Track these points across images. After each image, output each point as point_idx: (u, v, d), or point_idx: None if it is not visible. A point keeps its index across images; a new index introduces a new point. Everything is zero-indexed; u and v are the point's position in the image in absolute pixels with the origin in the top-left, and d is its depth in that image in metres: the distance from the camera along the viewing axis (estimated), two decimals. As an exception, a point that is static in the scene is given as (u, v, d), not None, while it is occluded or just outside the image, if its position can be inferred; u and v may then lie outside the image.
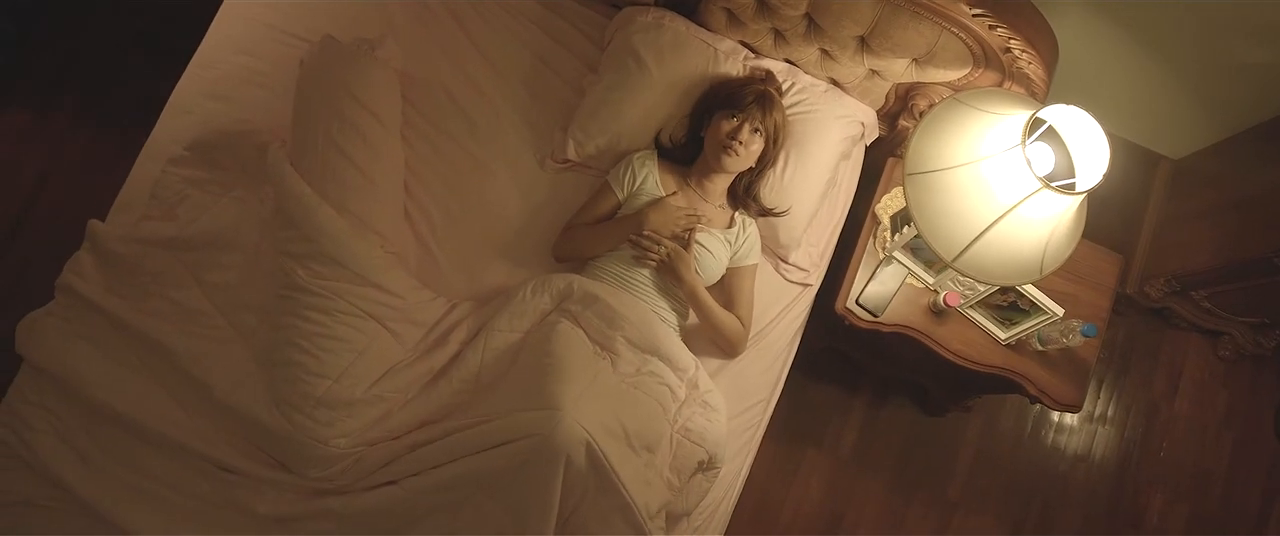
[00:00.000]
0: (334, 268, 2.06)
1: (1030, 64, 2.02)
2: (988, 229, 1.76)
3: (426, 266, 2.32)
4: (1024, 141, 1.67)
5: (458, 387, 2.08)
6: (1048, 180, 1.68)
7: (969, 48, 2.12)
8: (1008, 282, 1.90)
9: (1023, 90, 2.10)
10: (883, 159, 2.56)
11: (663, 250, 2.18)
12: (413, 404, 2.06)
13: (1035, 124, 1.73)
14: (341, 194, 2.13)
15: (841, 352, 2.87)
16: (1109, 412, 3.20)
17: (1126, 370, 3.24)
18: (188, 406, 2.04)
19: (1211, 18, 2.42)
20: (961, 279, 2.30)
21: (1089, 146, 1.79)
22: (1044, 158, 1.87)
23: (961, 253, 1.82)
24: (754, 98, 2.24)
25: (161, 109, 2.42)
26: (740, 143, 2.21)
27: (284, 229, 2.11)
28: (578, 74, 2.55)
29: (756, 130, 2.24)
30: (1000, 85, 2.15)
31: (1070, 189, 1.76)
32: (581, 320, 2.14)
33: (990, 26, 2.01)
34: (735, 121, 2.23)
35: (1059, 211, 1.74)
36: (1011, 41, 2.01)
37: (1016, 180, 1.69)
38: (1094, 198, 1.76)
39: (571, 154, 2.41)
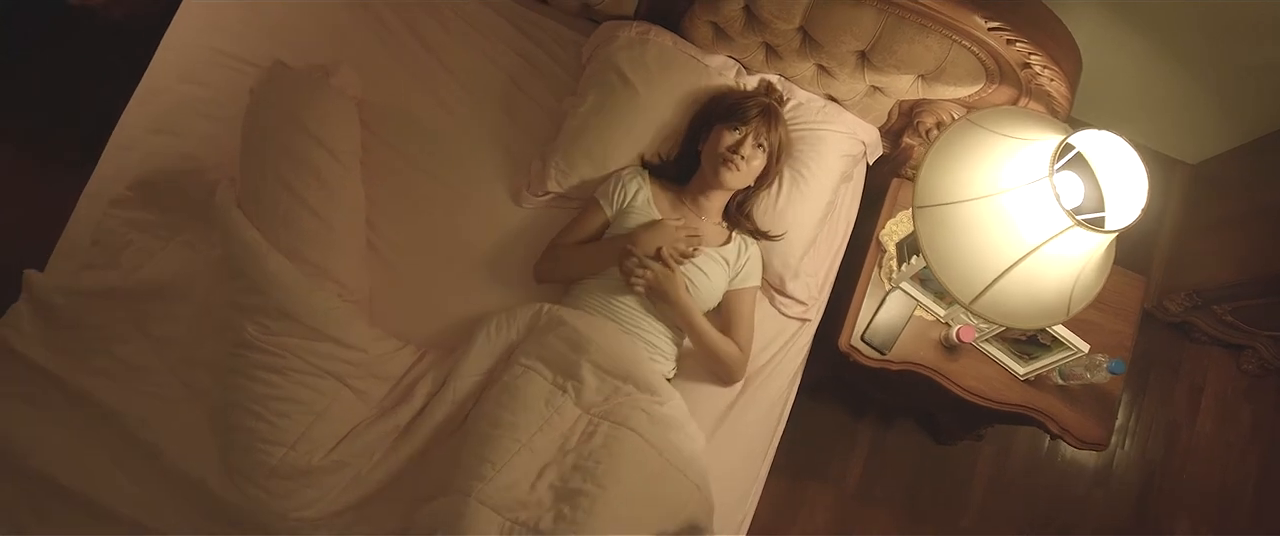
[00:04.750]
0: (287, 322, 1.89)
1: (1052, 81, 1.83)
2: (1009, 269, 1.58)
3: (394, 309, 2.13)
4: (1051, 173, 1.48)
5: (422, 446, 1.92)
6: (1076, 213, 1.49)
7: (982, 63, 1.93)
8: (1031, 326, 1.73)
9: (1042, 108, 1.91)
10: (886, 179, 2.37)
11: (650, 272, 1.98)
12: (383, 464, 1.90)
13: (1061, 150, 1.54)
14: (294, 240, 1.96)
15: (845, 380, 2.69)
16: (1128, 433, 3.03)
17: (1145, 388, 3.07)
18: (136, 476, 1.87)
19: (1229, 15, 2.24)
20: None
21: (1120, 173, 1.61)
22: (1071, 187, 1.68)
23: (979, 295, 1.63)
24: (759, 110, 2.07)
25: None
26: (742, 157, 2.04)
27: (232, 279, 1.93)
28: (556, 96, 2.37)
29: (760, 145, 2.08)
30: (1015, 102, 1.96)
31: (1101, 223, 1.58)
32: (545, 350, 1.96)
33: (1008, 41, 1.82)
34: (738, 134, 2.06)
35: (1090, 248, 1.56)
36: (1032, 56, 1.82)
37: (1043, 216, 1.51)
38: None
39: (552, 185, 2.22)
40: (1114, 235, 1.52)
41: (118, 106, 2.26)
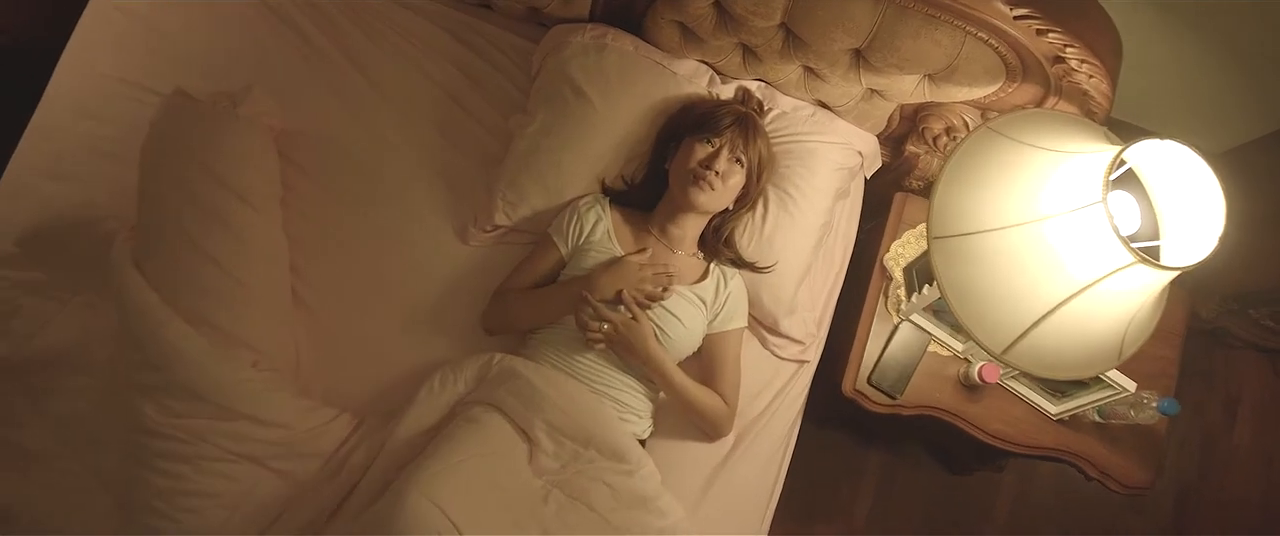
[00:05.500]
0: (192, 402, 1.62)
1: (1091, 77, 1.54)
2: (1052, 312, 1.29)
3: (326, 369, 1.85)
4: (1104, 195, 1.19)
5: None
6: (1132, 241, 1.20)
7: (1001, 58, 1.63)
8: (1074, 376, 1.45)
9: (1074, 109, 1.62)
10: (886, 192, 2.08)
11: (607, 326, 1.70)
12: None
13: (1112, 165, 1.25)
14: (198, 301, 1.70)
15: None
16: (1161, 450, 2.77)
17: (1178, 399, 2.80)
18: (37, 589, 1.61)
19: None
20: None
21: (1180, 189, 1.32)
22: (1124, 210, 1.39)
23: (1014, 343, 1.35)
24: (734, 119, 1.80)
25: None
26: (716, 173, 1.75)
27: (129, 351, 1.67)
28: (502, 114, 2.09)
29: (737, 159, 1.79)
30: (1041, 103, 1.67)
31: (1156, 251, 1.29)
32: (496, 401, 1.70)
33: (1038, 31, 1.52)
34: (711, 147, 1.78)
35: (1149, 283, 1.27)
36: (1068, 49, 1.52)
37: (1094, 247, 1.23)
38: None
39: (501, 218, 1.93)
40: (1183, 271, 1.23)
41: (4, 148, 1.99)
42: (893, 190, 2.10)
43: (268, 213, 1.86)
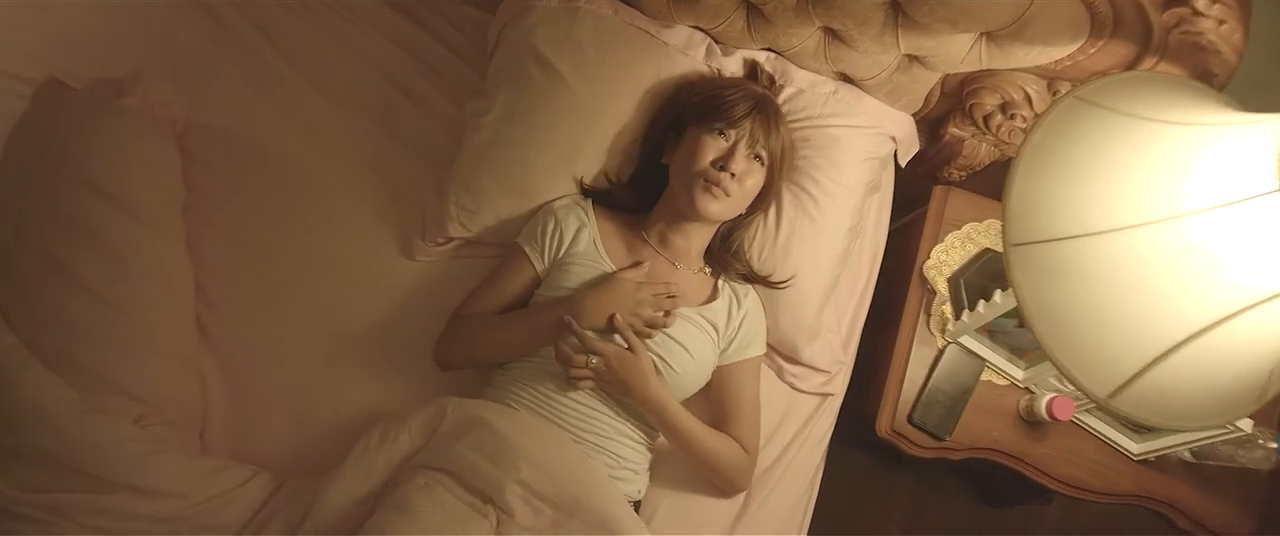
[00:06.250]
0: (54, 471, 1.30)
1: (1222, 23, 1.17)
2: (1191, 340, 0.95)
3: (240, 419, 1.51)
4: None
5: None
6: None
7: (1088, 6, 1.27)
8: (1203, 425, 1.10)
9: (1181, 70, 1.26)
10: (916, 185, 1.72)
11: (596, 360, 1.35)
12: None
13: None
14: (66, 340, 1.38)
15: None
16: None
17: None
18: None
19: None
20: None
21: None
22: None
23: (1127, 383, 1.00)
24: (753, 105, 1.44)
25: None
26: (732, 175, 1.40)
27: None
28: (454, 101, 1.75)
29: (756, 156, 1.44)
30: (1136, 64, 1.31)
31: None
32: (454, 462, 1.32)
33: (1152, -32, 1.17)
34: (724, 142, 1.42)
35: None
36: (1190, -10, 1.17)
37: (1261, 250, 0.88)
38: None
39: (455, 228, 1.58)
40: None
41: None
42: (926, 183, 1.75)
43: (162, 226, 1.52)
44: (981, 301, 1.48)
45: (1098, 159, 1.02)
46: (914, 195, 1.79)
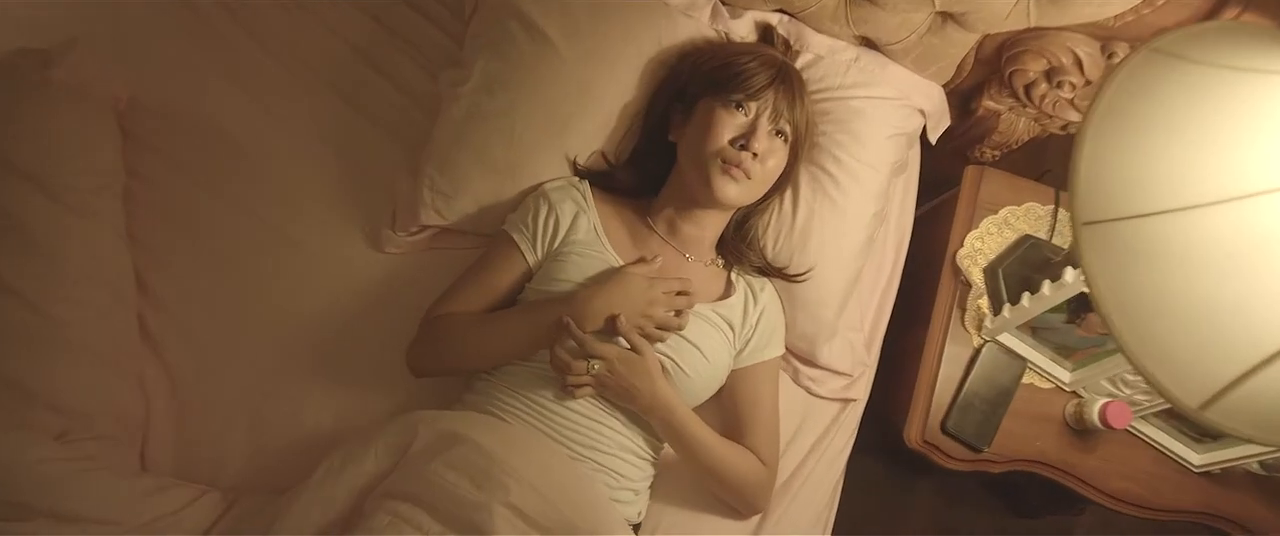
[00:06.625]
0: None
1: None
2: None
3: (186, 432, 1.34)
4: None
5: None
6: None
7: (1159, -52, 1.11)
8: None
9: (1271, 21, 1.09)
10: (943, 165, 1.55)
11: (598, 364, 1.17)
12: None
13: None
14: None
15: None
16: None
17: None
18: None
19: None
20: (1131, 376, 1.30)
21: None
22: None
23: (1225, 390, 0.83)
24: (774, 75, 1.27)
25: None
26: (754, 155, 1.23)
27: None
28: (427, 72, 1.60)
29: (779, 132, 1.28)
30: (1215, 16, 1.14)
31: None
32: (428, 487, 1.13)
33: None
34: (743, 116, 1.25)
35: None
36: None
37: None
38: None
39: (430, 215, 1.41)
40: None
41: None
42: (955, 162, 1.57)
43: (96, 214, 1.36)
44: (1026, 294, 1.30)
45: (1189, 119, 0.84)
46: (941, 176, 1.62)
